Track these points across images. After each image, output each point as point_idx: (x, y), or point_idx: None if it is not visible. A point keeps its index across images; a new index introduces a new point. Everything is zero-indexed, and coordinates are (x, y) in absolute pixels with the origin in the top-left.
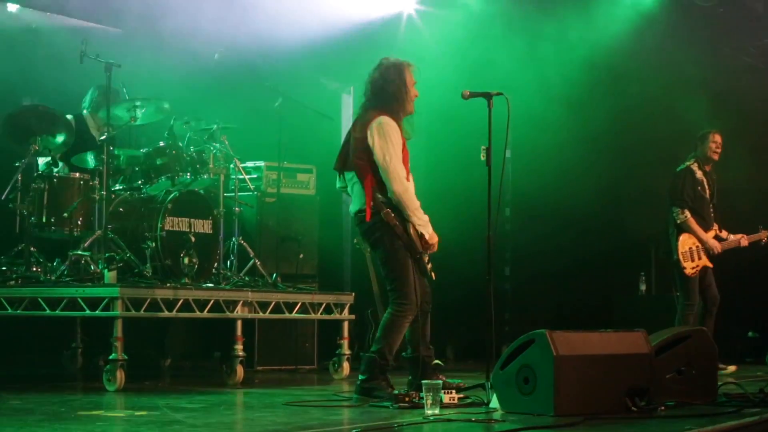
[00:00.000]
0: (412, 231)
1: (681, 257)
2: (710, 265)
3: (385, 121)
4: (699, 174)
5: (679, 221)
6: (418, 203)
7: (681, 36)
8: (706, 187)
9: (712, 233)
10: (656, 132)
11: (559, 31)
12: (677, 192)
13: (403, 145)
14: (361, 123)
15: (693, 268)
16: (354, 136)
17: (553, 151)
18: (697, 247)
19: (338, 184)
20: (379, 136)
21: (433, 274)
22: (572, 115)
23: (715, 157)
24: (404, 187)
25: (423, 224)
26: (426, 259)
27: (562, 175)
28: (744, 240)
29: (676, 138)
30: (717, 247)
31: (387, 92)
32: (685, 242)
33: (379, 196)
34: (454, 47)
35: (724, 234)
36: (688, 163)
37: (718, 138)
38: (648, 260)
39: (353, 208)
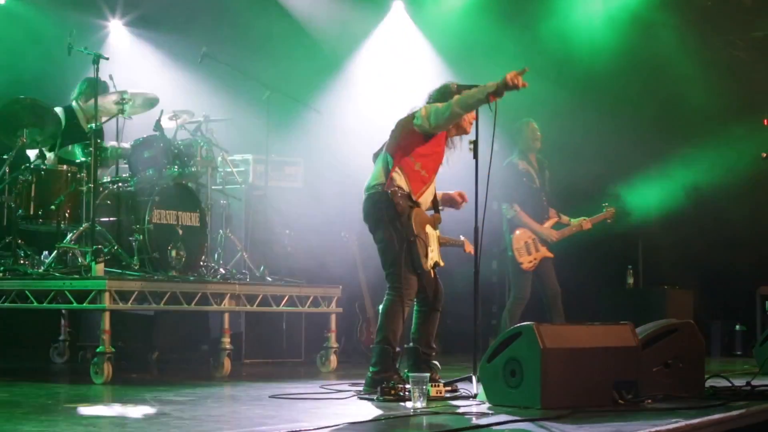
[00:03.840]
0: (413, 216)
1: (516, 253)
2: (550, 255)
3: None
4: (522, 165)
5: (509, 216)
6: (462, 97)
7: (670, 29)
8: (534, 177)
9: (550, 222)
10: (644, 126)
11: (547, 25)
12: (503, 189)
13: (441, 147)
14: (413, 109)
15: (530, 262)
16: (399, 123)
17: (541, 142)
18: (533, 239)
19: None
20: (422, 109)
21: (440, 261)
22: (561, 107)
23: (537, 145)
24: (450, 106)
25: (480, 91)
26: (426, 250)
27: (549, 167)
28: (586, 223)
29: (664, 132)
30: (553, 235)
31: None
32: (520, 238)
33: (397, 177)
34: (443, 38)
35: (565, 219)
36: (510, 158)
37: (533, 126)
38: (635, 254)
39: (367, 183)
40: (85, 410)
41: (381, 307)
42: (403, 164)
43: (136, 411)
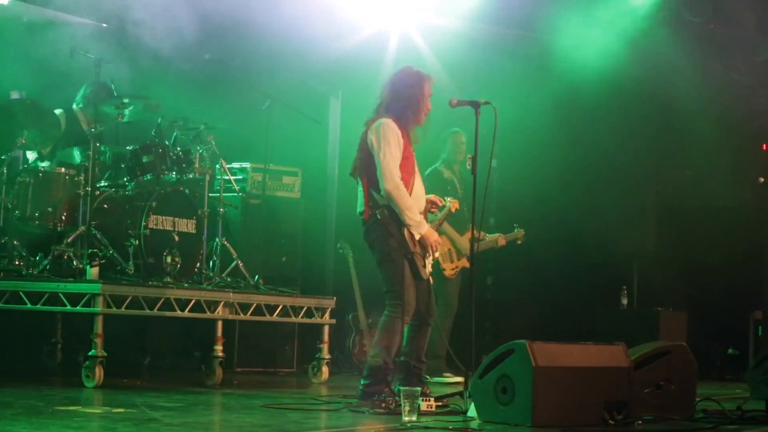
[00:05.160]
0: (405, 231)
1: (440, 258)
2: (468, 265)
3: (386, 122)
4: (447, 174)
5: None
6: (410, 203)
7: (671, 52)
8: (457, 186)
9: (469, 233)
10: (640, 142)
11: (549, 48)
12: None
13: (409, 150)
14: (368, 124)
15: (453, 269)
16: (361, 138)
17: (539, 162)
18: (452, 248)
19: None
20: (376, 135)
21: (431, 278)
22: (559, 128)
23: (459, 157)
24: (394, 184)
25: (414, 224)
26: (424, 261)
27: (547, 186)
28: (501, 239)
29: (661, 152)
30: (467, 249)
31: (403, 97)
32: (443, 245)
33: (376, 196)
34: (445, 56)
35: (481, 234)
36: (435, 166)
37: (460, 138)
38: (630, 274)
39: (357, 209)
40: (75, 413)
41: (380, 322)
42: (374, 181)
43: (127, 416)
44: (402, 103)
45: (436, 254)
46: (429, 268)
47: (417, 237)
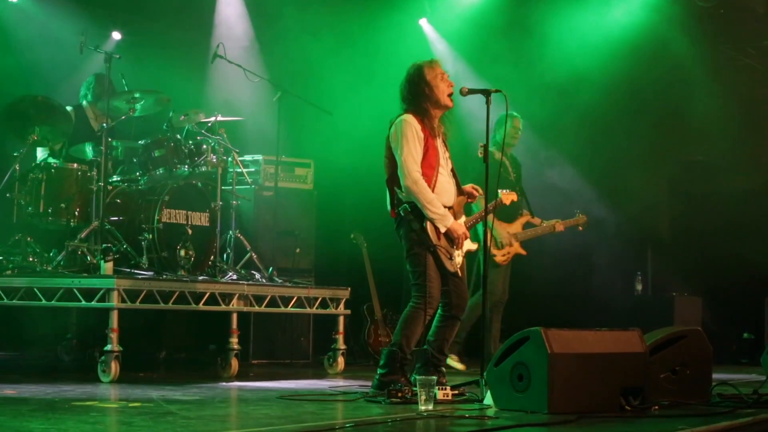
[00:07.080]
0: (428, 224)
1: (491, 244)
2: (523, 252)
3: (404, 118)
4: (498, 156)
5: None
6: (431, 196)
7: (681, 36)
8: (510, 170)
9: (522, 220)
10: (653, 128)
11: (558, 31)
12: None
13: (431, 143)
14: (392, 122)
15: (504, 255)
16: (388, 143)
17: (549, 148)
18: (507, 233)
19: None
20: (395, 133)
21: (459, 271)
22: (568, 113)
23: (514, 142)
24: (412, 180)
25: (438, 218)
26: (451, 254)
27: (559, 174)
28: (559, 225)
29: (671, 133)
30: (506, 239)
31: (412, 94)
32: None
33: (398, 193)
34: (456, 44)
35: (537, 220)
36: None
37: (518, 123)
38: (644, 260)
39: (387, 207)
40: (91, 408)
41: (403, 313)
42: (397, 177)
43: (143, 410)
44: (415, 98)
45: (473, 247)
46: (459, 261)
47: (442, 230)
